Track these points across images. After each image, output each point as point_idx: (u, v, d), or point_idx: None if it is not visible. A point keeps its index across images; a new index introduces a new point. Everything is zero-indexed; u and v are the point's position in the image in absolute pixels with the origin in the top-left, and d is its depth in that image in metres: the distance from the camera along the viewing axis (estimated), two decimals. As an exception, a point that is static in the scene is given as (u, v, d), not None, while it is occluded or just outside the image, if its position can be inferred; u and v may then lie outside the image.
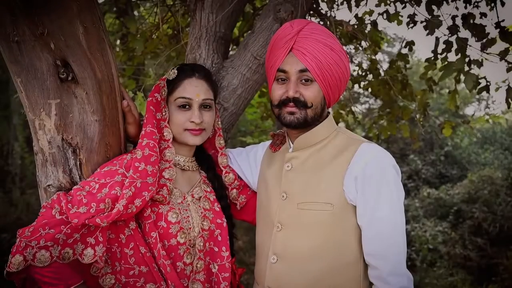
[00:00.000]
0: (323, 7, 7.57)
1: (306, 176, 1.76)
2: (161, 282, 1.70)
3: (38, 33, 1.51)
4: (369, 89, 4.43)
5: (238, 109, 2.42)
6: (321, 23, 3.53)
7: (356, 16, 4.30)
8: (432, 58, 3.78)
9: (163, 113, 1.82)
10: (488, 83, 3.58)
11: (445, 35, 3.63)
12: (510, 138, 13.69)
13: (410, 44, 4.43)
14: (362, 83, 4.55)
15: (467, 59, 3.37)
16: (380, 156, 1.69)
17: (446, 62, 3.41)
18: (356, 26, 3.88)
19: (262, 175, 1.97)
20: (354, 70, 4.79)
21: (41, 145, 1.72)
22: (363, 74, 4.58)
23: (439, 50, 3.74)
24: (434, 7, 3.72)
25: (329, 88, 1.73)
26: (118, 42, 5.66)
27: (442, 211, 10.20)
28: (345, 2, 4.33)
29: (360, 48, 4.42)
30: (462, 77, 3.58)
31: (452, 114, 13.58)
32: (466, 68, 3.40)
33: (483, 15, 3.90)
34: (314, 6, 3.53)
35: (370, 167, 1.65)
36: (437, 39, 3.60)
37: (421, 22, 4.26)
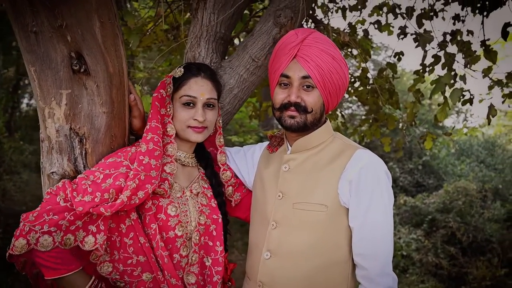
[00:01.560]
0: (319, 13, 7.67)
1: (303, 178, 1.85)
2: (157, 272, 1.77)
3: (56, 25, 1.57)
4: (355, 97, 4.55)
5: (233, 109, 2.49)
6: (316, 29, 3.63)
7: (349, 24, 4.41)
8: (421, 71, 3.91)
9: (168, 109, 1.88)
10: (472, 96, 3.72)
11: (433, 48, 3.76)
12: (486, 151, 14.01)
13: (399, 55, 4.56)
14: (350, 90, 4.66)
15: (452, 72, 3.50)
16: (374, 162, 1.78)
17: (436, 76, 3.52)
18: (349, 34, 3.98)
19: (259, 175, 2.04)
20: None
21: (49, 133, 1.77)
22: (352, 80, 4.70)
23: (426, 62, 3.88)
24: (424, 21, 3.86)
25: (328, 95, 1.82)
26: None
27: (417, 219, 10.40)
28: (339, 10, 4.45)
29: (350, 56, 4.53)
30: (447, 90, 3.71)
31: (431, 125, 13.85)
32: (452, 82, 3.53)
33: (470, 32, 4.05)
34: (311, 12, 3.62)
35: (364, 172, 1.75)
36: (425, 51, 3.72)
37: (411, 34, 4.40)
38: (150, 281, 1.78)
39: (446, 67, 3.50)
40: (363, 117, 4.53)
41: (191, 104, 1.88)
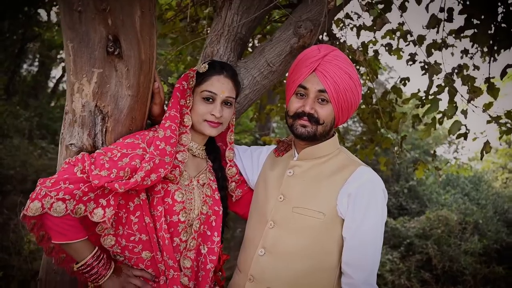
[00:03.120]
0: (333, 27, 7.76)
1: (305, 184, 1.96)
2: (157, 252, 1.87)
3: (101, 8, 1.67)
4: (357, 114, 4.66)
5: (242, 108, 2.59)
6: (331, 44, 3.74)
7: (362, 43, 4.54)
8: (423, 98, 4.03)
9: (187, 101, 1.99)
10: (467, 131, 3.84)
11: (438, 78, 3.88)
12: (472, 185, 14.24)
13: (405, 80, 4.69)
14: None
15: (454, 105, 3.62)
16: (374, 180, 1.90)
17: (433, 97, 3.64)
18: (362, 53, 4.09)
19: (263, 175, 2.15)
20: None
21: (74, 106, 1.86)
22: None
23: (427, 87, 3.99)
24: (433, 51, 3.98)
25: (340, 110, 1.94)
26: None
27: (395, 241, 10.57)
28: (355, 28, 4.57)
29: (359, 75, 4.65)
30: (446, 121, 3.83)
31: (423, 151, 14.07)
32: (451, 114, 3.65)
33: (476, 67, 4.19)
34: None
35: (364, 188, 1.86)
36: (431, 81, 3.84)
37: (420, 62, 4.53)
38: (148, 259, 1.89)
39: (449, 99, 3.62)
40: (357, 133, 4.63)
41: (211, 100, 1.98)
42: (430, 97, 4.05)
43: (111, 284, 1.84)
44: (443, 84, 3.72)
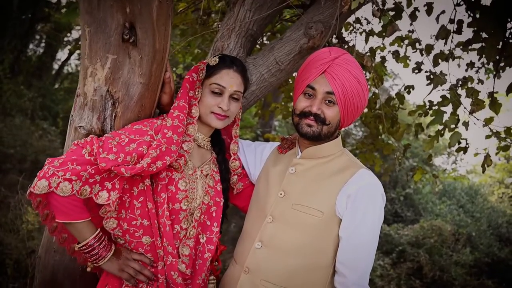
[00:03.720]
0: (343, 32, 7.79)
1: (306, 182, 2.01)
2: (157, 237, 1.91)
3: (120, -4, 1.70)
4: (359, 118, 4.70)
5: (248, 104, 2.62)
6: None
7: (370, 48, 4.57)
8: (427, 108, 4.06)
9: (196, 93, 2.02)
10: (468, 145, 3.88)
11: (443, 90, 3.91)
12: (468, 197, 14.29)
13: (410, 88, 4.72)
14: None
15: (456, 117, 3.66)
16: (373, 183, 1.95)
17: (437, 108, 3.67)
18: (370, 58, 4.12)
19: (265, 171, 2.19)
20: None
21: (86, 90, 1.90)
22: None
23: (433, 99, 4.02)
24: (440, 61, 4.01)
25: (346, 113, 1.98)
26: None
27: (388, 247, 10.62)
28: (364, 33, 4.60)
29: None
30: (447, 133, 3.86)
31: (422, 160, 14.09)
32: (453, 126, 3.68)
33: (480, 81, 4.22)
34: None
35: (363, 190, 1.91)
36: (433, 89, 3.85)
37: (426, 71, 4.56)
38: (148, 244, 1.93)
39: (452, 110, 3.65)
40: (358, 137, 4.67)
41: (219, 93, 2.01)
42: (434, 107, 4.09)
43: (110, 266, 1.88)
44: (448, 96, 3.75)
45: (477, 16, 3.55)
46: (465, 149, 3.85)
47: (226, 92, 2.01)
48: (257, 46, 4.75)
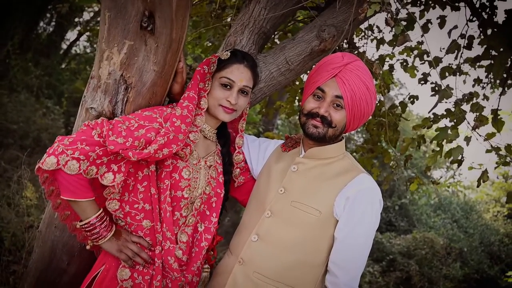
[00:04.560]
0: (354, 38, 7.81)
1: (307, 182, 2.05)
2: (157, 222, 1.96)
3: (141, -16, 1.74)
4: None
5: (255, 100, 2.66)
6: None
7: (380, 56, 4.59)
8: (431, 121, 4.08)
9: (206, 85, 2.06)
10: (463, 159, 3.90)
11: (447, 102, 3.94)
12: (463, 213, 14.31)
13: (414, 98, 4.75)
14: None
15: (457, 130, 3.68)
16: (372, 188, 2.00)
17: (443, 125, 3.70)
18: (379, 66, 4.15)
19: (267, 167, 2.24)
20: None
21: (101, 72, 1.95)
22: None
23: (438, 112, 4.03)
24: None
25: (353, 118, 2.02)
26: None
27: (378, 255, 10.66)
28: (375, 40, 4.62)
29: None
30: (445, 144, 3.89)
31: (420, 172, 14.11)
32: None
33: (486, 98, 4.25)
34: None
35: (362, 193, 1.96)
36: (438, 102, 3.88)
37: (432, 83, 4.59)
38: (148, 228, 1.98)
39: (455, 124, 3.68)
40: (358, 143, 4.70)
41: (228, 86, 2.05)
42: (438, 122, 4.11)
43: (109, 246, 1.93)
44: (453, 111, 3.78)
45: (488, 32, 3.58)
46: (460, 162, 3.87)
47: (235, 86, 2.05)
48: (268, 44, 4.79)
